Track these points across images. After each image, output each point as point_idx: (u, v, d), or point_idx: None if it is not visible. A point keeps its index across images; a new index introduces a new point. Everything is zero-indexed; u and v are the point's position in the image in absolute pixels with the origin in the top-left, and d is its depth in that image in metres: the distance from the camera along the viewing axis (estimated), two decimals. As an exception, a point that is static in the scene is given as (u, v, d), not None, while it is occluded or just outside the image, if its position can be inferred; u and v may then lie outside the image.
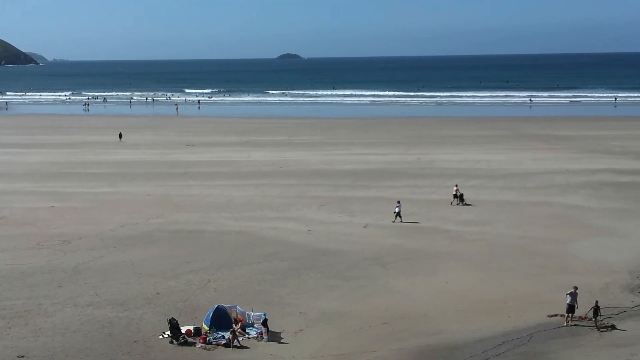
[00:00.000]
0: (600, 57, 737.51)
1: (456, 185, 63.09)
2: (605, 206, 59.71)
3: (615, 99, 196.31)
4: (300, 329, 34.24)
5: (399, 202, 56.26)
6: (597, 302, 34.58)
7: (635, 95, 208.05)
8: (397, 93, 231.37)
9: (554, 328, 34.20)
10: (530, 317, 35.46)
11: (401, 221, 54.83)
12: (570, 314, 34.67)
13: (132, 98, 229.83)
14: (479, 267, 43.53)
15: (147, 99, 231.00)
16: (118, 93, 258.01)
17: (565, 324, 34.47)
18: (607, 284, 40.24)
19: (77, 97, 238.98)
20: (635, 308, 36.72)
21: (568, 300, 34.74)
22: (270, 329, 33.48)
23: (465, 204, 61.05)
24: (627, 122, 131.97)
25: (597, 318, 34.29)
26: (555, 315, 35.44)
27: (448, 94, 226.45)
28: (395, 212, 55.35)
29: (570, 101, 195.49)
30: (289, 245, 48.92)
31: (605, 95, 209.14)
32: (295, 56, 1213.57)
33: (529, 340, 32.76)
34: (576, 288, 35.07)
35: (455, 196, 61.51)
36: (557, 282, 40.23)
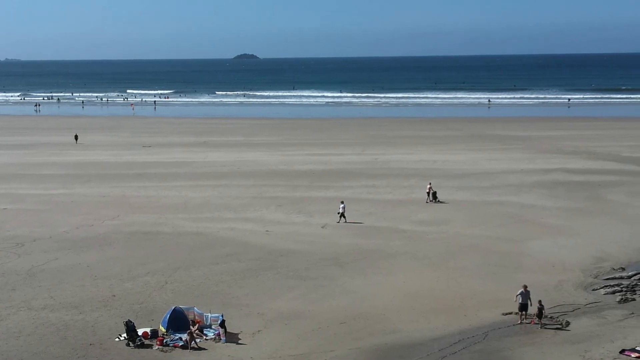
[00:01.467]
0: (556, 59, 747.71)
1: (429, 184, 64.07)
2: (558, 205, 60.59)
3: (569, 99, 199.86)
4: (258, 329, 34.20)
5: (342, 202, 56.31)
6: (540, 301, 34.78)
7: (588, 96, 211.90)
8: (355, 94, 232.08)
9: (509, 326, 34.60)
10: (486, 315, 35.84)
11: (345, 221, 54.87)
12: (523, 312, 35.10)
13: (84, 99, 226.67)
14: (436, 267, 43.89)
15: (102, 99, 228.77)
16: (72, 94, 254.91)
17: (519, 322, 34.91)
18: (560, 282, 40.85)
19: (30, 98, 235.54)
20: (588, 305, 37.32)
21: (519, 300, 35.11)
22: (228, 330, 33.35)
23: (439, 201, 62.16)
24: (579, 122, 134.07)
25: (542, 317, 34.59)
26: (510, 313, 35.84)
27: (405, 95, 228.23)
28: (339, 213, 55.40)
29: (526, 102, 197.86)
30: (246, 246, 48.82)
31: (559, 96, 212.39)
32: (252, 56, 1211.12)
33: (484, 339, 33.10)
34: (526, 287, 35.44)
35: (428, 194, 62.60)
36: (512, 280, 40.72)
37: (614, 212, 58.12)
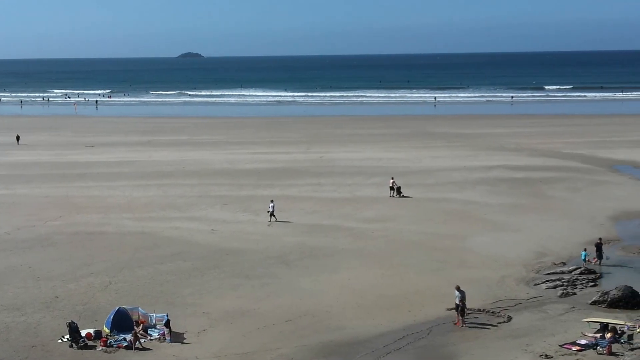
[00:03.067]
0: (502, 57, 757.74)
1: (392, 178, 64.98)
2: (501, 202, 61.55)
3: (512, 97, 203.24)
4: (204, 328, 34.09)
5: (272, 201, 56.26)
6: (462, 300, 34.55)
7: (531, 94, 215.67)
8: (300, 93, 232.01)
9: (453, 321, 35.04)
10: (430, 311, 36.27)
11: (276, 220, 54.80)
12: (460, 311, 34.82)
13: (21, 99, 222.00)
14: (380, 263, 44.25)
15: (43, 98, 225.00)
16: (12, 93, 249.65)
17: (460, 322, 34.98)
18: (503, 277, 41.53)
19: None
20: (530, 300, 38.01)
21: (457, 300, 34.96)
22: (173, 329, 33.19)
23: (403, 196, 63.21)
24: (521, 119, 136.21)
25: (464, 316, 34.56)
26: (454, 308, 36.33)
27: (350, 93, 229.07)
28: (268, 212, 55.31)
29: (471, 100, 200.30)
30: (192, 245, 48.59)
31: (503, 94, 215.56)
32: (197, 55, 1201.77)
33: (428, 334, 33.51)
34: (459, 287, 35.22)
35: (392, 189, 63.55)
36: (456, 276, 41.26)
37: (555, 207, 59.24)
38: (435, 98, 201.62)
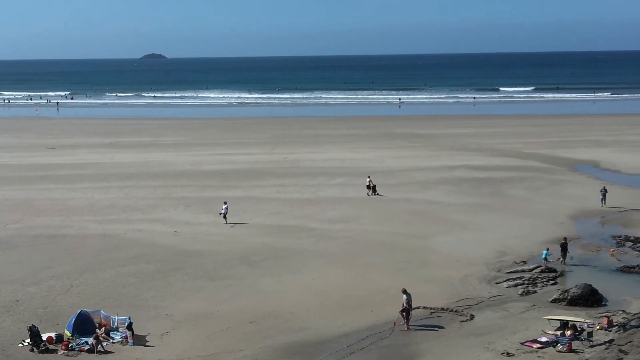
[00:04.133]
0: (466, 58, 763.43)
1: (369, 177, 66.03)
2: (463, 201, 62.05)
3: (474, 98, 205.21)
4: (167, 331, 33.95)
5: (225, 202, 56.06)
6: (408, 301, 34.14)
7: (490, 95, 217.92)
8: (264, 95, 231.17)
9: (416, 320, 35.18)
10: (393, 310, 36.29)
11: (226, 222, 54.45)
12: (405, 314, 34.57)
13: None
14: (344, 264, 44.39)
15: (3, 100, 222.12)
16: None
17: (403, 324, 34.46)
18: (465, 276, 41.89)
19: None
20: (492, 298, 38.39)
21: (404, 303, 34.56)
22: (135, 332, 32.99)
23: (378, 194, 64.12)
24: (483, 120, 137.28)
25: (408, 318, 34.12)
26: (418, 307, 36.48)
27: (314, 94, 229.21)
28: (221, 213, 55.09)
29: (435, 101, 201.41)
30: (154, 247, 48.33)
31: (467, 95, 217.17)
32: (160, 56, 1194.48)
33: (391, 334, 33.68)
34: (405, 290, 34.95)
35: (368, 187, 64.68)
36: (419, 276, 41.66)
37: (516, 207, 59.87)
38: (399, 99, 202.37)
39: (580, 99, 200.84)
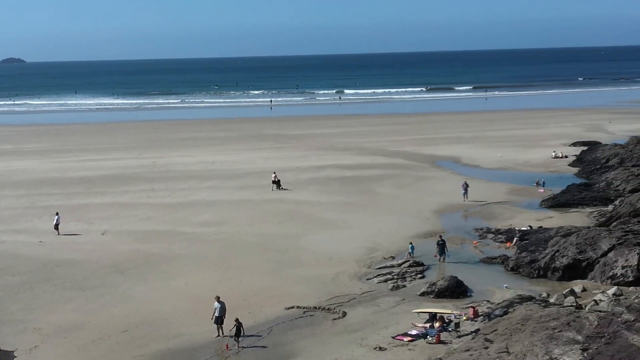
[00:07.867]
0: (332, 59, 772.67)
1: (274, 173, 68.25)
2: (332, 200, 63.03)
3: (340, 98, 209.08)
4: (35, 345, 32.95)
5: (57, 213, 54.20)
6: (237, 319, 32.83)
7: (356, 95, 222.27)
8: (130, 100, 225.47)
9: (292, 319, 35.65)
10: (269, 311, 36.72)
11: (58, 234, 52.76)
12: (220, 325, 34.04)
13: None
14: (217, 267, 44.31)
15: None
16: None
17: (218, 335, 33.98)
18: (337, 274, 42.62)
19: None
20: (363, 295, 39.25)
21: (216, 313, 33.99)
22: (1, 348, 31.89)
23: (283, 189, 66.21)
24: (350, 119, 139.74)
25: (240, 336, 32.66)
26: (292, 307, 37.00)
27: (182, 97, 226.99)
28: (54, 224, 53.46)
29: (305, 102, 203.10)
30: (19, 258, 46.73)
31: (333, 96, 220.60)
32: (19, 60, 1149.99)
33: (268, 334, 33.94)
34: (218, 298, 34.51)
35: (273, 182, 66.54)
36: (292, 275, 42.11)
37: (384, 204, 61.33)
38: (271, 101, 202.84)
39: (442, 97, 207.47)
